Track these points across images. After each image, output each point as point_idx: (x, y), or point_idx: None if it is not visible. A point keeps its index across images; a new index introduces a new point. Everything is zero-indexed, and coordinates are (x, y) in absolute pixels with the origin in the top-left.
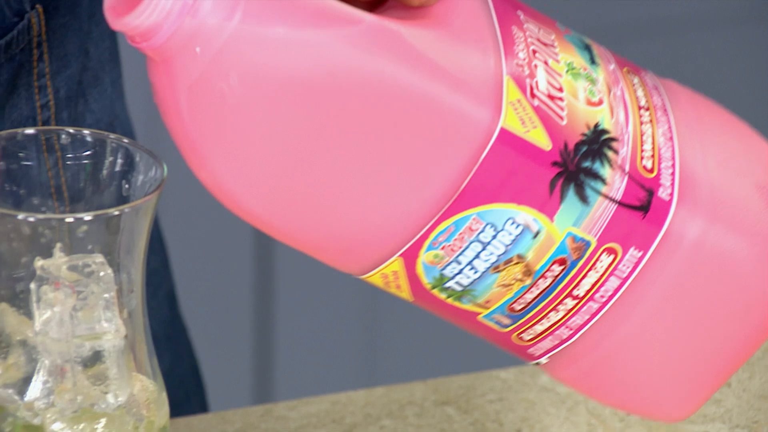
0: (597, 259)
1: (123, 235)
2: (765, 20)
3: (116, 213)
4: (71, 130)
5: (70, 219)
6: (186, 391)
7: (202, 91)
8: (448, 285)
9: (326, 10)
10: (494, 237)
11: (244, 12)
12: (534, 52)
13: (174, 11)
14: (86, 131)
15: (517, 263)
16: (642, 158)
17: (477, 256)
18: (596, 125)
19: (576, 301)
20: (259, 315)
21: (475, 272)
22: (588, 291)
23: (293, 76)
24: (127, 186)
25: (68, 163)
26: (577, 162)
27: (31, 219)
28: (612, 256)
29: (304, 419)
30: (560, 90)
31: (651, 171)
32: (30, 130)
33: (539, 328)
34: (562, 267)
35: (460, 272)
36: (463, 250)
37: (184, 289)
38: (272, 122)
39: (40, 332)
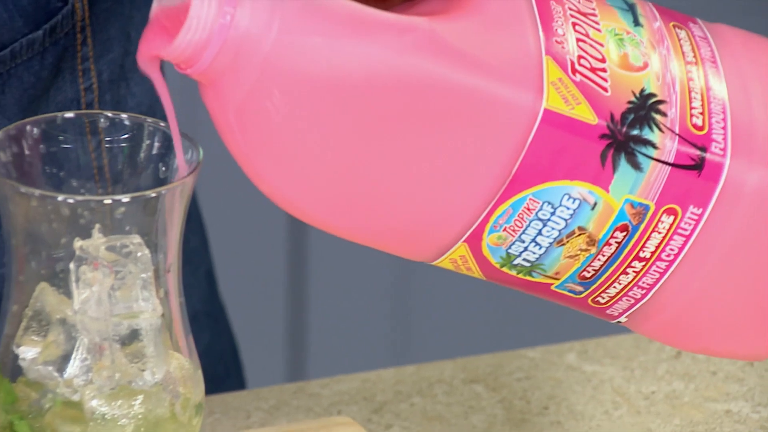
0: (658, 221)
1: (160, 217)
2: (765, 15)
3: (153, 195)
4: (110, 114)
5: (108, 201)
6: (226, 368)
7: (250, 110)
8: (516, 262)
9: (358, 14)
10: (553, 213)
11: (280, 26)
12: (573, 25)
13: (214, 33)
14: (124, 115)
15: (579, 235)
16: (692, 116)
17: (539, 233)
18: (642, 90)
19: (644, 263)
20: (293, 295)
21: (540, 248)
22: (654, 252)
23: (335, 83)
24: (164, 168)
25: (107, 146)
26: (626, 131)
27: (71, 200)
28: (672, 217)
29: (336, 396)
30: (602, 60)
31: (701, 128)
32: (72, 114)
33: (612, 291)
34: (624, 233)
35: (525, 249)
36: (525, 229)
37: (221, 270)
38: (322, 130)
39: (79, 311)
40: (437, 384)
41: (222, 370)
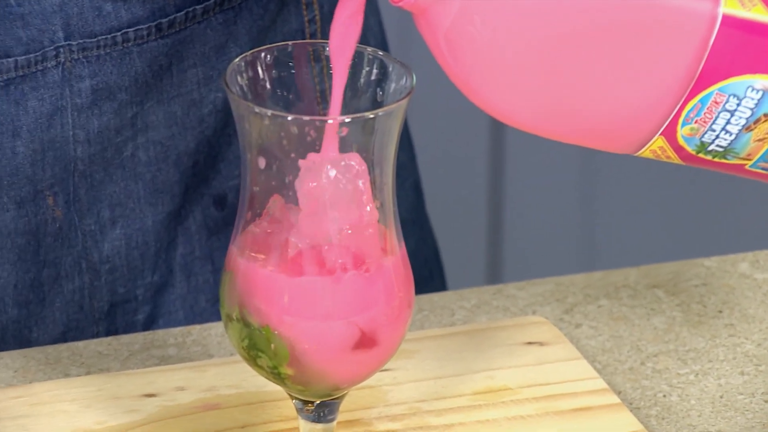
0: None
1: (376, 136)
2: None
3: (371, 116)
4: None
5: (331, 121)
6: (430, 270)
7: (456, 35)
8: (710, 149)
9: None
10: (739, 104)
11: None
12: None
13: None
14: None
15: (765, 121)
16: None
17: (728, 122)
18: None
19: None
20: (492, 206)
21: (730, 135)
22: None
23: (529, 6)
24: (380, 93)
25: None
26: None
27: (299, 120)
28: None
29: (531, 298)
30: None
31: None
32: (299, 42)
33: None
34: None
35: (717, 137)
36: (714, 120)
37: (426, 181)
38: (521, 47)
39: (306, 220)
40: (622, 288)
41: (426, 272)
